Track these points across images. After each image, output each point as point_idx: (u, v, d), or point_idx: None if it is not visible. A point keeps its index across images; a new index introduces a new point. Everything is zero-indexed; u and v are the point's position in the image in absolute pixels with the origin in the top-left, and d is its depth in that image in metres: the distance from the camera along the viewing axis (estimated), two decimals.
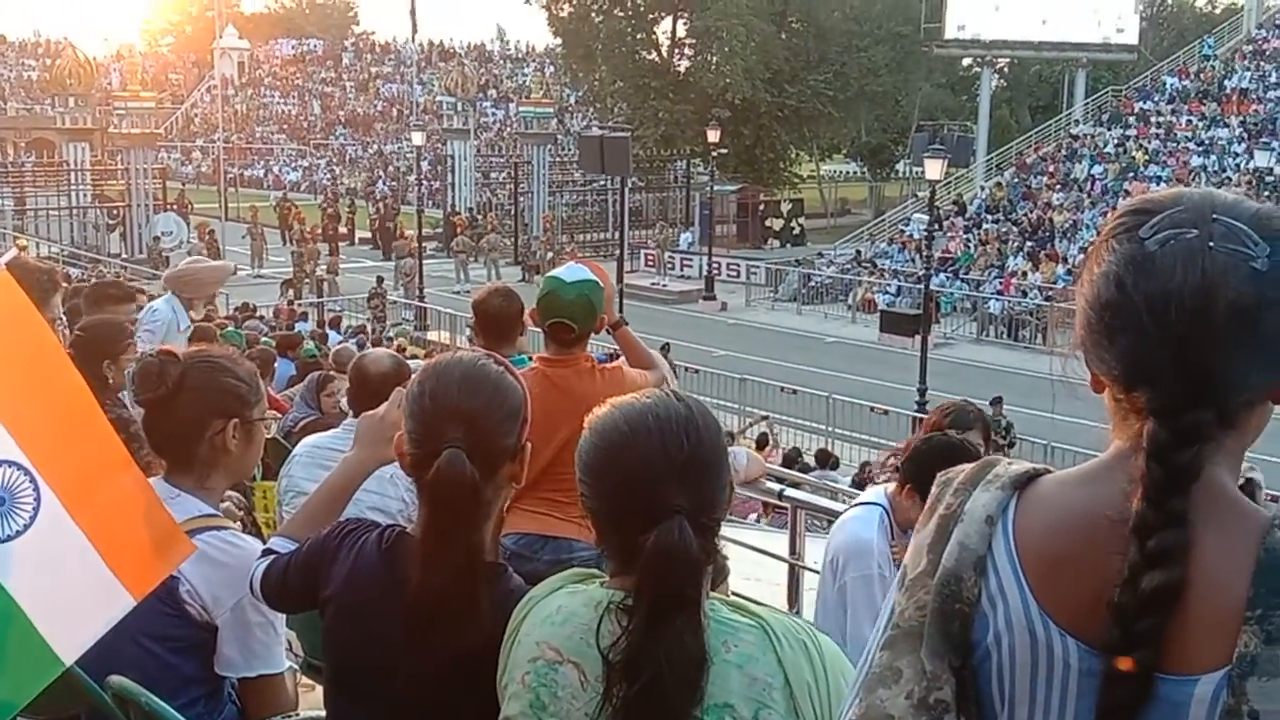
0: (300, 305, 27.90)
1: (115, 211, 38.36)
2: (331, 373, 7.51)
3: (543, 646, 1.81)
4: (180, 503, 2.55)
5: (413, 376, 2.20)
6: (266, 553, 2.43)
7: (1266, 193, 31.33)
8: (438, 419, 2.07)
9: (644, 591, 1.69)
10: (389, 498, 3.68)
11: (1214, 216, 1.26)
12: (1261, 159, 28.68)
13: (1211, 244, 1.25)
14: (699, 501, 1.72)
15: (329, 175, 61.95)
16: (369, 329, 24.54)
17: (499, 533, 2.19)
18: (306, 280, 33.33)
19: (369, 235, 43.99)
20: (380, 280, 30.19)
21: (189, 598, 2.48)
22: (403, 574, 2.06)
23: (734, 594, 4.52)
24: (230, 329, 12.11)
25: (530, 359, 5.05)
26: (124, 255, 36.05)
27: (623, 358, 4.62)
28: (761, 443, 17.61)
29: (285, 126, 72.74)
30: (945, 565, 1.34)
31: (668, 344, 19.16)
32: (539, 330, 4.47)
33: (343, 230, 43.84)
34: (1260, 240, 1.25)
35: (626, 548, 1.73)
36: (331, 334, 21.37)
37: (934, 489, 1.42)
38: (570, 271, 4.33)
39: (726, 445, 1.82)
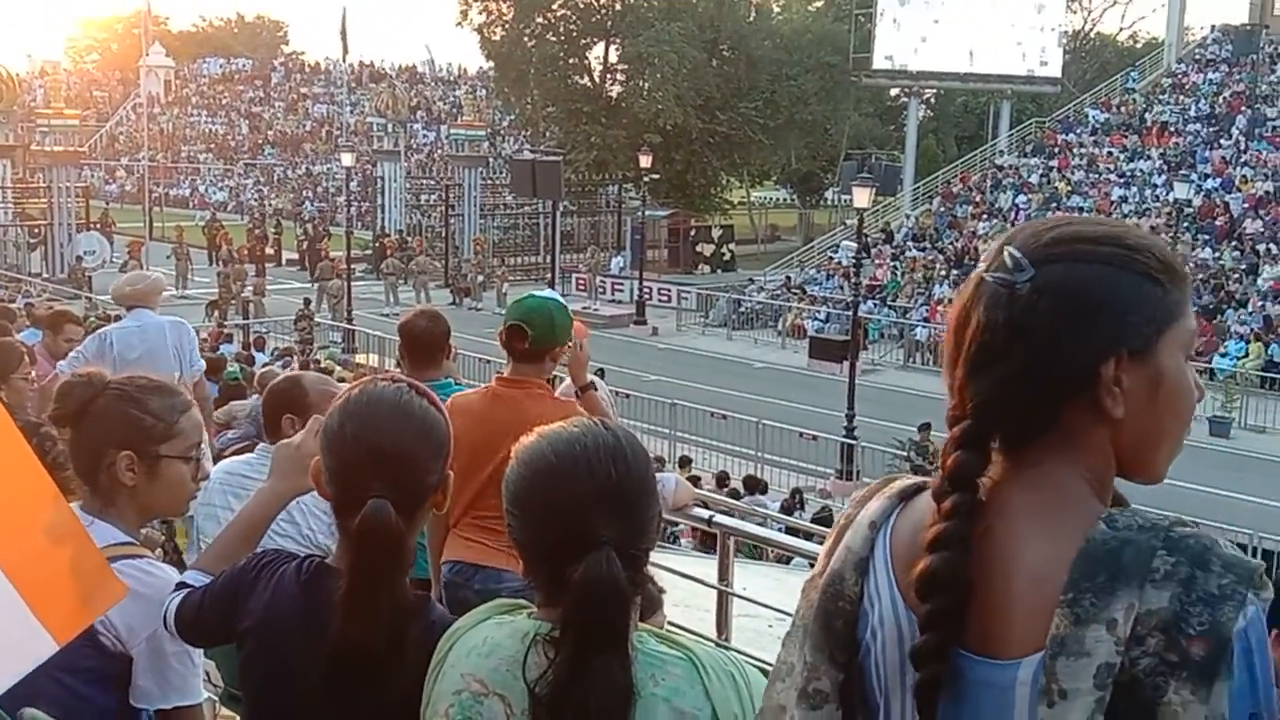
0: (226, 327, 27.53)
1: (36, 230, 37.70)
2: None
3: (468, 679, 1.78)
4: (95, 530, 2.48)
5: (333, 409, 2.12)
6: (180, 586, 2.37)
7: (1185, 224, 32.07)
8: (361, 464, 2.01)
9: (571, 623, 1.67)
10: (289, 536, 3.59)
11: (1004, 246, 1.38)
12: (1181, 191, 29.34)
13: (986, 275, 1.38)
14: (627, 532, 1.70)
15: (256, 195, 61.34)
16: (296, 351, 24.25)
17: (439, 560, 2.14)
18: (232, 301, 32.92)
19: (296, 256, 43.58)
20: (308, 302, 29.88)
21: (103, 628, 2.41)
22: (322, 607, 2.01)
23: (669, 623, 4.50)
24: None
25: (456, 383, 5.02)
26: (45, 275, 35.38)
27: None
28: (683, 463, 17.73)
29: (212, 146, 72.02)
30: (832, 567, 1.46)
31: (602, 369, 19.14)
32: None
33: (269, 251, 43.40)
34: (1029, 266, 1.34)
35: (554, 579, 1.71)
36: (258, 355, 21.09)
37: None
38: (541, 291, 4.46)
39: (655, 474, 1.80)
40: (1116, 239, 1.36)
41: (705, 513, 5.66)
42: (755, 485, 16.72)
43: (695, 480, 15.11)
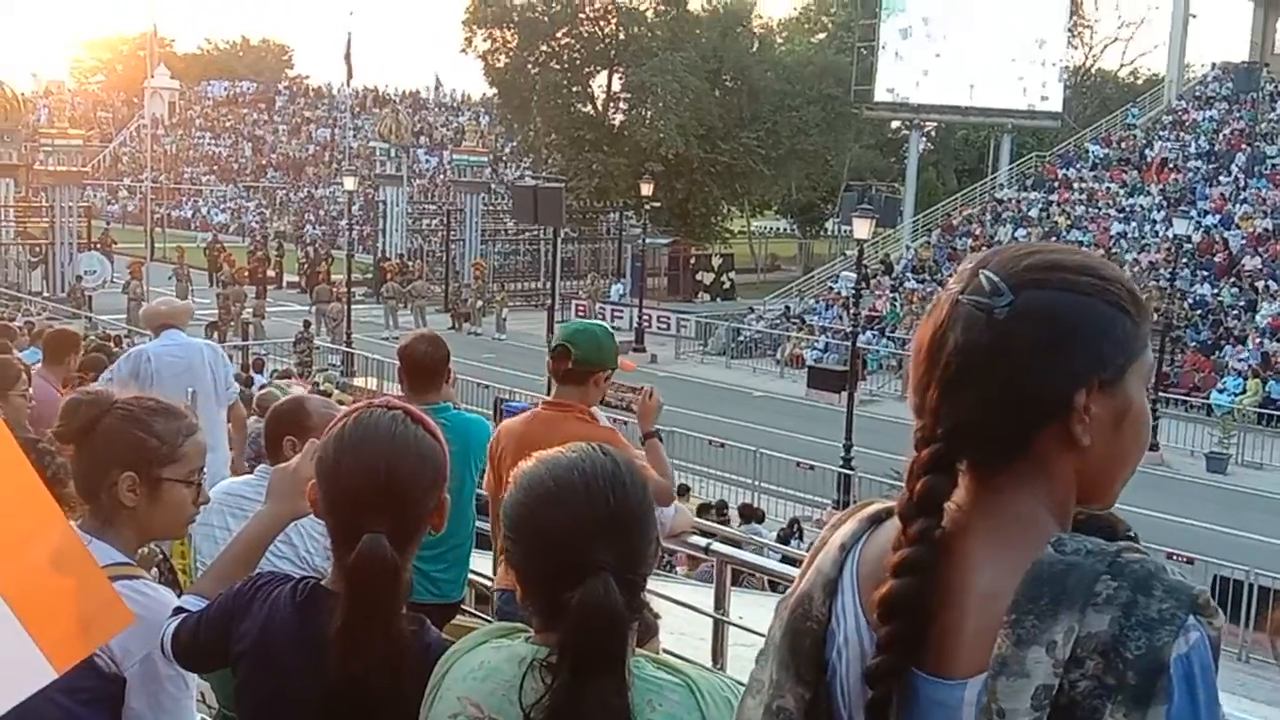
0: (225, 348, 27.51)
1: (38, 249, 37.74)
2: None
3: (464, 702, 1.78)
4: (93, 549, 2.46)
5: (327, 437, 2.12)
6: (177, 611, 2.36)
7: (1184, 260, 32.13)
8: (356, 497, 2.01)
9: (568, 649, 1.67)
10: (286, 558, 3.59)
11: (980, 270, 1.37)
12: (1180, 227, 29.41)
13: (962, 297, 1.36)
14: (625, 558, 1.70)
15: (258, 218, 61.43)
16: (295, 373, 24.24)
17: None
18: (232, 323, 32.93)
19: (297, 279, 43.63)
20: (307, 324, 29.90)
21: (98, 649, 2.41)
22: (318, 630, 2.00)
23: (664, 650, 4.49)
24: None
25: (454, 408, 5.02)
26: (45, 293, 35.41)
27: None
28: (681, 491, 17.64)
29: (215, 168, 72.20)
30: (802, 588, 1.48)
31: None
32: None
33: (270, 273, 43.45)
34: (1007, 290, 1.34)
35: (551, 604, 1.71)
36: (256, 377, 21.11)
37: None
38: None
39: (653, 501, 1.80)
40: (1092, 270, 1.37)
41: (703, 540, 5.65)
42: (752, 514, 16.68)
43: (705, 509, 15.09)
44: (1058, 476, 1.36)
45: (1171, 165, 40.02)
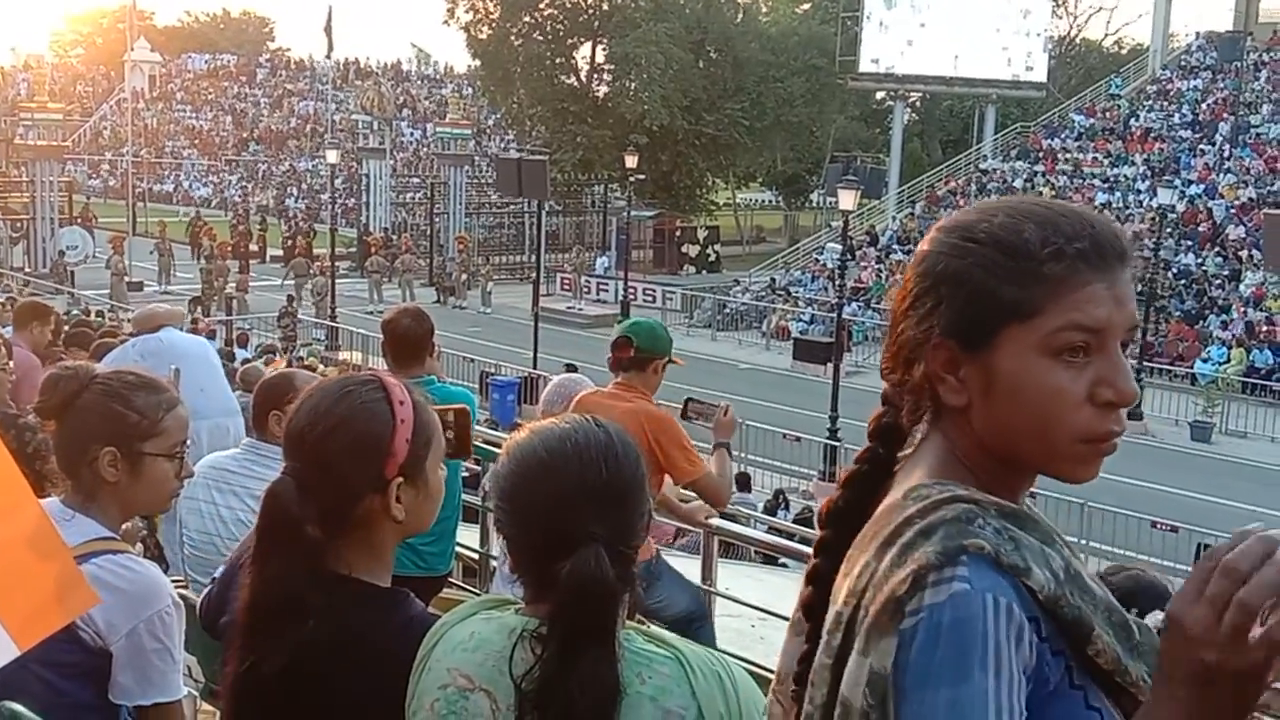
0: (208, 323, 27.43)
1: (19, 224, 37.51)
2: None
3: (454, 673, 1.77)
4: (75, 524, 2.46)
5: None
6: None
7: (1169, 230, 32.20)
8: (286, 440, 2.04)
9: (558, 620, 1.66)
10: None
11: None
12: (1164, 196, 29.44)
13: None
14: (616, 529, 1.70)
15: (240, 192, 61.12)
16: (279, 348, 24.18)
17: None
18: (215, 298, 32.79)
19: (281, 253, 43.45)
20: (291, 299, 29.78)
21: (82, 623, 2.39)
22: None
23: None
24: None
25: (438, 381, 5.02)
26: (27, 269, 35.23)
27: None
28: None
29: (196, 141, 71.75)
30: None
31: (573, 364, 19.11)
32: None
33: (253, 248, 43.25)
34: (939, 242, 1.39)
35: (542, 575, 1.70)
36: (240, 352, 21.03)
37: None
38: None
39: (645, 473, 1.79)
40: (968, 230, 1.36)
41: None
42: (742, 482, 16.67)
43: None
44: (956, 431, 1.38)
45: (1155, 135, 40.06)
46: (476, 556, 6.34)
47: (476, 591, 6.02)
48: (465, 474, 6.05)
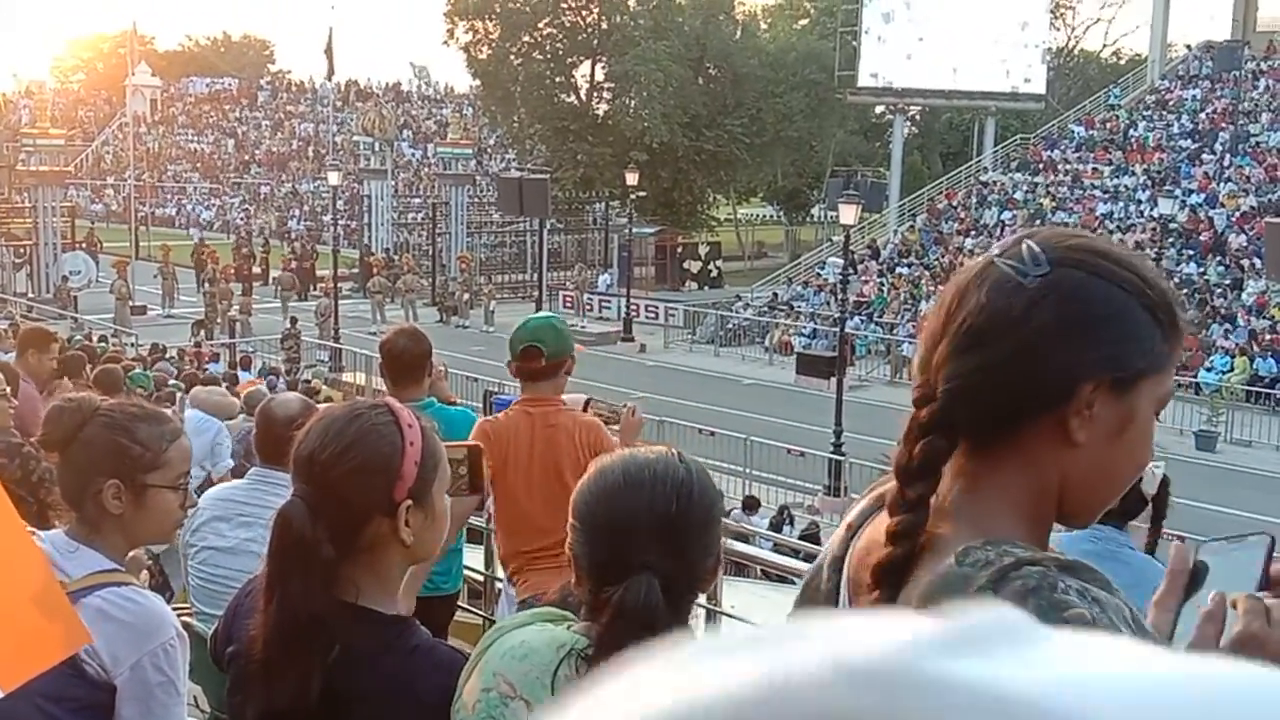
0: (212, 346, 27.45)
1: (22, 250, 37.57)
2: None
3: (499, 679, 1.80)
4: (80, 557, 2.47)
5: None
6: None
7: (1170, 240, 32.20)
8: (296, 463, 2.06)
9: (604, 644, 1.68)
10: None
11: (1024, 240, 1.31)
12: (1165, 206, 29.47)
13: (998, 259, 1.30)
14: (677, 565, 1.72)
15: (243, 214, 61.22)
16: (283, 370, 24.19)
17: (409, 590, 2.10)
18: (219, 321, 32.83)
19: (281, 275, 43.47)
20: (294, 321, 29.80)
21: (86, 656, 2.39)
22: None
23: None
24: (137, 371, 11.88)
25: (439, 403, 5.02)
26: (30, 294, 35.28)
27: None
28: None
29: (198, 165, 71.89)
30: (817, 561, 1.51)
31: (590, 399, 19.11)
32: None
33: (256, 270, 43.28)
34: (1046, 262, 1.27)
35: (596, 596, 1.74)
36: (243, 375, 21.03)
37: None
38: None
39: (720, 514, 1.81)
40: (1135, 268, 1.31)
41: None
42: (752, 507, 16.67)
43: None
44: (1040, 473, 1.29)
45: (1155, 145, 40.08)
46: (481, 578, 6.33)
47: (482, 614, 6.01)
48: None
